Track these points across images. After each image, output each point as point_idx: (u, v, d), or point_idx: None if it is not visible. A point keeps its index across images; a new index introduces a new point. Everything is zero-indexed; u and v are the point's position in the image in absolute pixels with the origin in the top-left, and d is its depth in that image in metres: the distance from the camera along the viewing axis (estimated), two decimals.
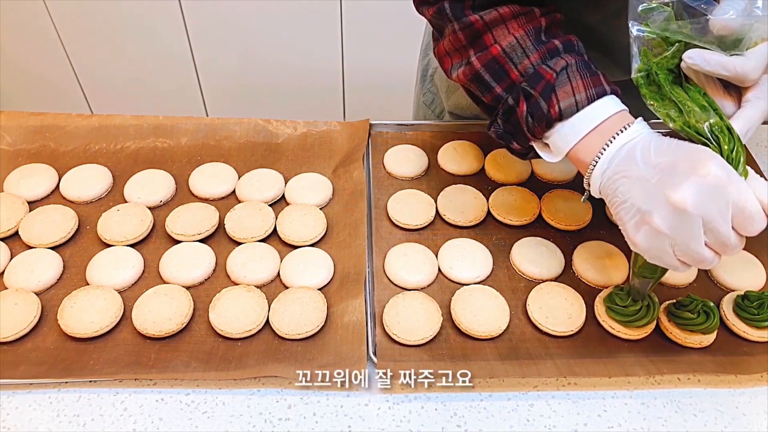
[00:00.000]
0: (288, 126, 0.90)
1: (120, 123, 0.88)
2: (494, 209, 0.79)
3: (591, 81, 0.58)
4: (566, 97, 0.57)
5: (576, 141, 0.58)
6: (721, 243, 0.50)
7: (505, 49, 0.60)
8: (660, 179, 0.51)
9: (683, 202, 0.49)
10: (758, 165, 0.84)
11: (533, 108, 0.59)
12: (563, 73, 0.58)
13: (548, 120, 0.58)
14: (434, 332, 0.66)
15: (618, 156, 0.55)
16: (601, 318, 0.68)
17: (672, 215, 0.50)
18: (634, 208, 0.53)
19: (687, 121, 0.54)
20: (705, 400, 0.63)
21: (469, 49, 0.63)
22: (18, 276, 0.70)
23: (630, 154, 0.54)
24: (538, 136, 0.61)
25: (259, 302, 0.68)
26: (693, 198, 0.49)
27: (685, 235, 0.51)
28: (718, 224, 0.49)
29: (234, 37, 1.79)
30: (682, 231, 0.50)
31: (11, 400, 0.62)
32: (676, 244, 0.52)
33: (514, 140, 0.64)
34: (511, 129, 0.63)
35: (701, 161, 0.49)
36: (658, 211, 0.51)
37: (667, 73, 0.56)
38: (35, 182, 0.81)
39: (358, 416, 0.61)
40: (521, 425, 0.61)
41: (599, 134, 0.57)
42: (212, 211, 0.78)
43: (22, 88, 1.95)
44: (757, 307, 0.66)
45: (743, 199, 0.49)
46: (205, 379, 0.63)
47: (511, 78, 0.61)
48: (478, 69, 0.62)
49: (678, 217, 0.50)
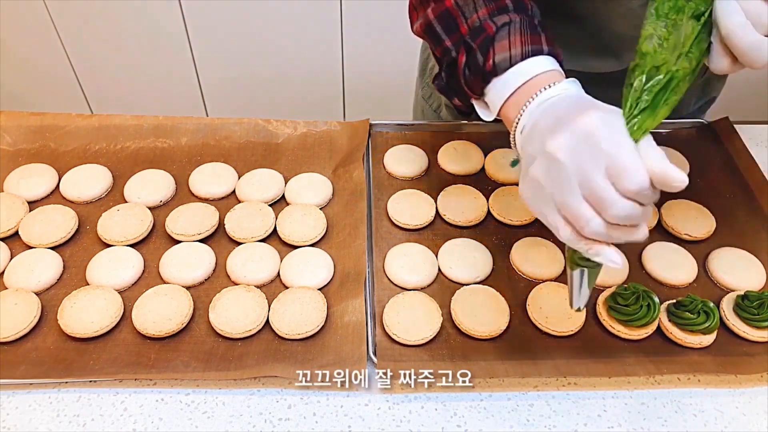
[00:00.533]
0: (288, 126, 0.90)
1: (120, 123, 0.88)
2: (494, 209, 0.79)
3: (530, 38, 0.57)
4: (502, 51, 0.57)
5: (506, 97, 0.57)
6: (598, 197, 0.47)
7: (458, 1, 0.61)
8: (547, 126, 0.50)
9: (556, 149, 0.47)
10: (758, 165, 0.84)
11: (471, 61, 0.59)
12: (504, 28, 0.58)
13: (483, 73, 0.58)
14: (434, 332, 0.66)
15: (536, 112, 0.54)
16: (602, 317, 0.68)
17: (547, 163, 0.49)
18: (527, 156, 0.52)
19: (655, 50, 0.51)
20: (705, 400, 0.63)
21: (429, 2, 0.64)
22: (18, 276, 0.70)
23: (547, 109, 0.53)
24: (476, 92, 0.61)
25: (259, 302, 0.68)
26: (565, 145, 0.47)
27: (559, 186, 0.48)
28: (591, 174, 0.46)
29: (234, 36, 1.79)
30: (557, 180, 0.48)
31: (11, 400, 0.62)
32: (554, 196, 0.49)
33: (456, 95, 0.64)
34: (454, 83, 0.63)
35: (585, 110, 0.48)
36: (539, 159, 0.50)
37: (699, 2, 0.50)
38: (35, 182, 0.81)
39: (358, 416, 0.61)
40: (521, 425, 0.61)
41: (526, 90, 0.56)
42: (212, 211, 0.78)
43: (22, 87, 1.95)
44: (757, 307, 0.66)
45: (617, 147, 0.46)
46: (205, 379, 0.63)
47: (460, 31, 0.61)
48: (431, 20, 0.63)
49: (552, 165, 0.48)
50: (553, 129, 0.49)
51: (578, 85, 0.56)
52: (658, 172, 0.46)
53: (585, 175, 0.47)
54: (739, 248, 0.75)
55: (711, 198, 0.81)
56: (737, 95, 1.94)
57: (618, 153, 0.46)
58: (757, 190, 0.82)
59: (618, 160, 0.46)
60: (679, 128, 0.92)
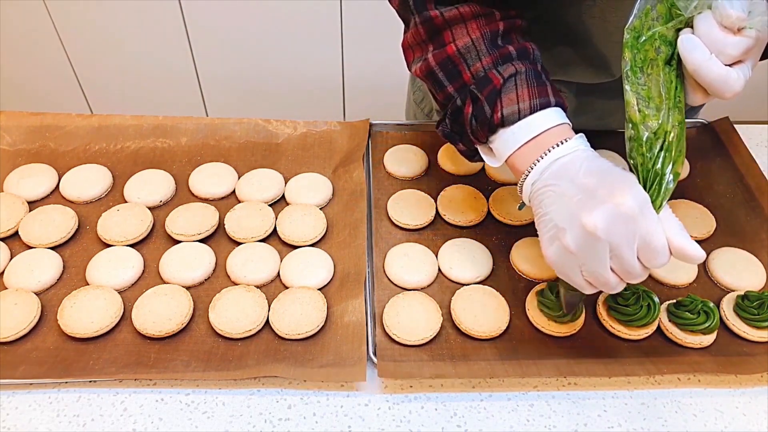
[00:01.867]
0: (288, 126, 0.90)
1: (120, 123, 0.88)
2: (494, 209, 0.79)
3: (537, 91, 0.58)
4: (510, 104, 0.58)
5: (514, 149, 0.58)
6: (625, 270, 0.52)
7: (460, 49, 0.61)
8: (579, 200, 0.52)
9: (594, 227, 0.50)
10: (758, 165, 0.84)
11: (478, 112, 0.59)
12: (511, 80, 0.58)
13: (491, 125, 0.59)
14: (434, 332, 0.66)
15: (549, 170, 0.55)
16: (602, 317, 0.68)
17: (582, 237, 0.51)
18: (551, 223, 0.54)
19: (644, 115, 0.54)
20: (705, 400, 0.63)
21: (428, 44, 0.63)
22: (18, 276, 0.70)
23: (560, 170, 0.54)
24: (481, 140, 0.61)
25: (259, 302, 0.68)
26: (604, 224, 0.50)
27: (592, 258, 0.52)
28: (624, 252, 0.51)
29: (234, 37, 1.79)
30: (590, 253, 0.52)
31: (11, 400, 0.62)
32: (584, 265, 0.53)
33: (460, 141, 0.64)
34: (458, 129, 0.63)
35: (620, 190, 0.51)
36: (571, 230, 0.52)
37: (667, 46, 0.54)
38: (35, 182, 0.81)
39: (358, 416, 0.61)
40: (521, 425, 0.61)
41: (536, 145, 0.57)
42: (212, 211, 0.78)
43: (22, 88, 1.95)
44: (757, 308, 0.66)
45: (651, 232, 0.50)
46: (205, 379, 0.63)
47: (463, 79, 0.61)
48: (433, 66, 0.62)
49: (587, 240, 0.51)
50: (586, 205, 0.51)
51: (585, 140, 0.57)
52: (677, 248, 0.51)
53: (617, 251, 0.51)
54: (739, 248, 0.75)
55: (711, 198, 0.81)
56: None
57: (652, 236, 0.50)
58: (757, 191, 0.82)
59: (652, 243, 0.51)
60: None
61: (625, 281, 0.54)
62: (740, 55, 0.50)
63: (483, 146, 0.63)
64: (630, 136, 0.55)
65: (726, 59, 0.50)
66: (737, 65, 0.51)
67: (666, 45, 0.53)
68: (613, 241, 0.50)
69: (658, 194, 0.53)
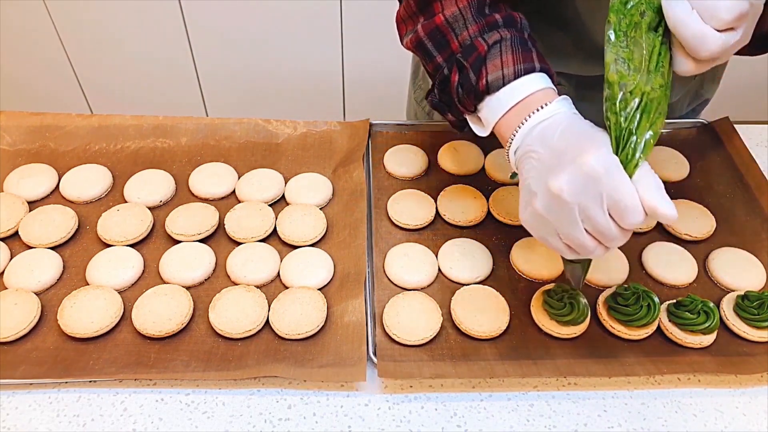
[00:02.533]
0: (288, 126, 0.90)
1: (120, 123, 0.88)
2: (494, 209, 0.79)
3: (522, 56, 0.58)
4: (494, 71, 0.58)
5: (499, 116, 0.58)
6: (599, 232, 0.51)
7: (448, 18, 0.61)
8: (550, 164, 0.52)
9: (559, 189, 0.50)
10: (758, 165, 0.84)
11: (464, 80, 0.60)
12: (496, 46, 0.58)
13: (476, 92, 0.59)
14: (434, 332, 0.66)
15: (531, 135, 0.55)
16: (602, 317, 0.68)
17: (550, 200, 0.51)
18: (527, 188, 0.54)
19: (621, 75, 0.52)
20: (705, 400, 0.63)
21: (419, 16, 0.64)
22: (18, 276, 0.70)
23: (540, 134, 0.54)
24: (468, 109, 0.61)
25: (259, 302, 0.68)
26: (568, 186, 0.50)
27: (563, 221, 0.52)
28: (593, 213, 0.50)
29: (234, 37, 1.79)
30: (560, 216, 0.52)
31: (11, 400, 0.62)
32: (557, 228, 0.53)
33: (449, 111, 0.64)
34: (446, 99, 0.64)
35: (585, 151, 0.50)
36: (540, 194, 0.52)
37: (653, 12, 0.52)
38: (35, 182, 0.81)
39: (358, 416, 0.61)
40: (521, 425, 0.61)
41: (520, 111, 0.57)
42: (212, 211, 0.78)
43: (22, 88, 1.95)
44: (757, 308, 0.66)
45: (618, 191, 0.49)
46: (205, 379, 0.63)
47: (451, 48, 0.61)
48: (423, 37, 0.63)
49: (555, 203, 0.51)
50: (554, 167, 0.51)
51: (569, 102, 0.57)
52: (649, 207, 0.49)
53: (587, 213, 0.50)
54: (739, 248, 0.75)
55: (711, 198, 0.81)
56: (737, 95, 1.94)
57: (618, 194, 0.49)
58: (757, 191, 0.82)
59: (620, 201, 0.49)
60: (679, 128, 0.92)
61: (604, 244, 0.52)
62: (733, 21, 0.48)
63: (472, 116, 0.63)
64: (606, 96, 0.53)
65: (718, 23, 0.48)
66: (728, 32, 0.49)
67: (652, 11, 0.52)
68: (580, 203, 0.50)
69: (633, 154, 0.51)
